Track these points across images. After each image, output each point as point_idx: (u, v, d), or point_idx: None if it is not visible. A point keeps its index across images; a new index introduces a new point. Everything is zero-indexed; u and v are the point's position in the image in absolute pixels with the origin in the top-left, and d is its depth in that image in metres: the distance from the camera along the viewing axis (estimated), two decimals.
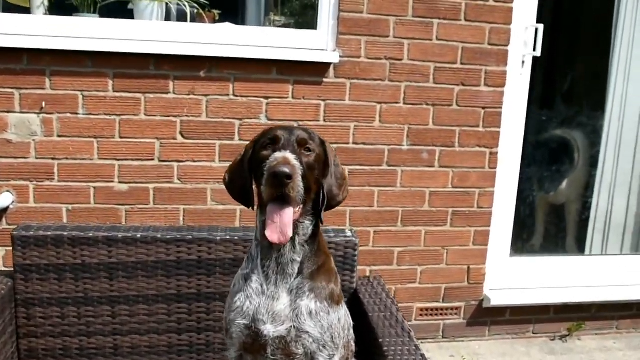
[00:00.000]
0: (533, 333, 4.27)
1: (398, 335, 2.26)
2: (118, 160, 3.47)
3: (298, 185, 1.85)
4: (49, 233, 2.52)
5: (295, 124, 3.63)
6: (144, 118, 3.46)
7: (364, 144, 3.74)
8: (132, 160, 3.49)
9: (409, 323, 3.77)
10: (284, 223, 1.85)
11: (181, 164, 3.55)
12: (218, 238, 2.59)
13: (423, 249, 3.96)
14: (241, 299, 2.03)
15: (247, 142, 3.54)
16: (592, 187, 4.58)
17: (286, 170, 1.79)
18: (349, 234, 2.71)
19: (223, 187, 3.61)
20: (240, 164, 2.09)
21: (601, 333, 4.37)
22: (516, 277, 4.22)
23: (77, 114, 3.38)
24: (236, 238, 2.60)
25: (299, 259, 2.01)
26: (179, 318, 2.62)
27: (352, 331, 2.21)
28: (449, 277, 4.05)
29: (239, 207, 3.66)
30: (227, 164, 3.76)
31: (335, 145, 3.69)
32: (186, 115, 3.50)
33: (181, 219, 3.61)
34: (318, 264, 2.05)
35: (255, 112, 3.58)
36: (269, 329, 1.98)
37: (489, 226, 4.03)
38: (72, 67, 3.33)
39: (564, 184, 4.51)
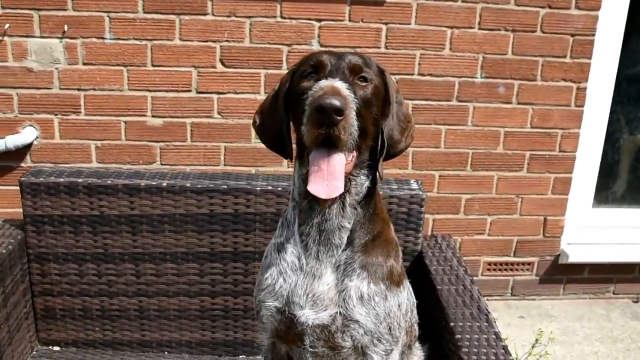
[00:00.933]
0: (613, 293, 3.80)
1: (474, 318, 1.84)
2: (151, 91, 3.07)
3: (351, 125, 1.39)
4: (62, 180, 2.16)
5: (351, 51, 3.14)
6: (179, 43, 3.02)
7: (431, 75, 3.24)
8: (167, 91, 3.09)
9: (475, 278, 3.33)
10: (332, 173, 1.41)
11: (222, 95, 3.13)
12: (258, 189, 2.19)
13: (494, 197, 3.49)
14: (273, 275, 1.62)
15: None
16: None
17: (335, 102, 1.33)
18: (414, 185, 2.27)
19: None
20: (273, 101, 1.64)
21: None
22: (598, 231, 3.71)
23: (103, 38, 2.97)
24: (279, 189, 2.19)
25: (348, 226, 1.57)
26: (212, 279, 2.26)
27: (415, 312, 1.79)
28: (523, 228, 3.57)
29: None
30: None
31: (398, 77, 3.20)
32: (227, 40, 3.05)
33: (222, 157, 3.22)
34: (373, 232, 1.61)
35: (306, 37, 3.10)
36: (308, 315, 1.57)
37: (571, 173, 3.51)
38: None
39: None
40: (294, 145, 1.60)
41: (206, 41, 3.04)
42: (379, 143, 1.55)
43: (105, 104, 3.05)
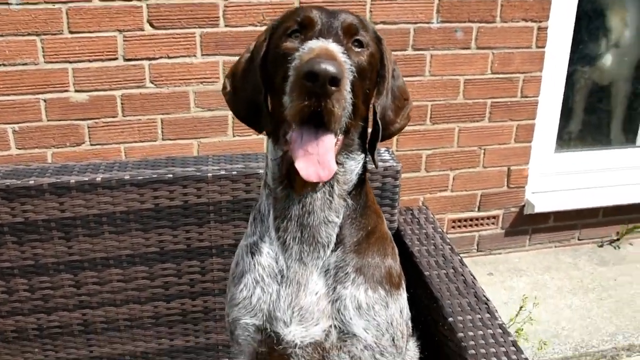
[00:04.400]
0: (578, 240, 3.70)
1: (473, 309, 1.62)
2: (71, 62, 2.68)
3: (345, 98, 1.13)
4: None
5: (344, 9, 2.82)
6: (99, 5, 2.62)
7: (383, 22, 2.95)
8: (90, 61, 2.70)
9: None
10: (322, 152, 1.15)
11: (153, 62, 2.77)
12: (209, 175, 1.88)
13: (456, 150, 3.28)
14: (248, 285, 1.36)
15: (237, 28, 2.78)
16: None
17: (331, 68, 1.07)
18: (386, 155, 2.01)
19: (209, 88, 2.87)
20: (248, 64, 1.36)
21: None
22: (561, 177, 3.57)
23: (8, 3, 2.54)
24: (234, 173, 1.89)
25: (337, 220, 1.32)
26: (165, 282, 1.97)
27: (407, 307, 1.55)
28: (486, 181, 3.39)
29: (230, 112, 2.91)
30: (211, 59, 3.00)
31: None
32: None
33: (159, 131, 2.88)
34: (367, 228, 1.36)
35: None
36: (295, 333, 1.31)
37: (534, 119, 3.33)
38: None
39: (609, 60, 3.73)
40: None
41: (130, 0, 2.65)
42: (372, 124, 1.30)
43: (19, 81, 2.64)
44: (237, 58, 1.41)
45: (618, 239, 3.71)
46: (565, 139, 3.71)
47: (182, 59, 2.79)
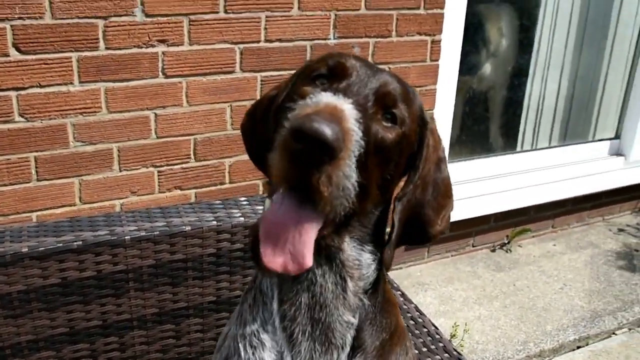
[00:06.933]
0: (473, 246, 3.74)
1: None
2: None
3: (345, 177, 0.88)
4: None
5: (388, 71, 2.55)
6: None
7: (279, 40, 2.75)
8: None
9: None
10: (299, 238, 0.89)
11: (22, 92, 2.37)
12: (126, 238, 1.59)
13: None
14: None
15: (120, 51, 2.46)
16: (525, 71, 3.94)
17: (325, 130, 0.81)
18: None
19: (90, 119, 2.52)
20: (268, 105, 1.13)
21: (538, 235, 3.95)
22: (456, 187, 3.57)
23: None
24: (156, 233, 1.61)
25: (354, 322, 1.09)
26: None
27: None
28: None
29: (116, 145, 2.58)
30: (92, 87, 2.61)
31: (242, 46, 2.68)
32: (20, 17, 2.28)
33: (33, 171, 2.48)
34: (390, 327, 1.14)
35: (126, 6, 2.43)
36: None
37: None
38: None
39: (489, 69, 3.82)
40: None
41: None
42: (393, 220, 1.07)
43: None
44: (121, 84, 1.17)
45: (508, 242, 3.79)
46: (456, 149, 3.73)
47: (57, 88, 2.41)
